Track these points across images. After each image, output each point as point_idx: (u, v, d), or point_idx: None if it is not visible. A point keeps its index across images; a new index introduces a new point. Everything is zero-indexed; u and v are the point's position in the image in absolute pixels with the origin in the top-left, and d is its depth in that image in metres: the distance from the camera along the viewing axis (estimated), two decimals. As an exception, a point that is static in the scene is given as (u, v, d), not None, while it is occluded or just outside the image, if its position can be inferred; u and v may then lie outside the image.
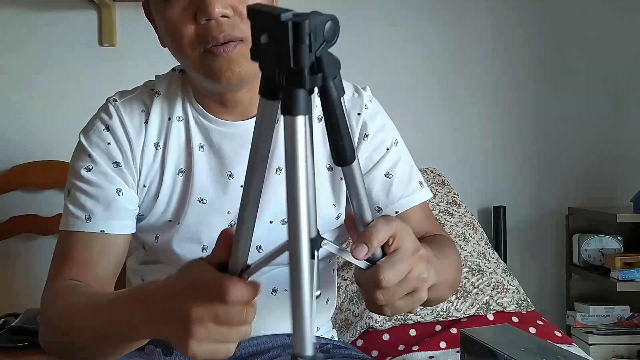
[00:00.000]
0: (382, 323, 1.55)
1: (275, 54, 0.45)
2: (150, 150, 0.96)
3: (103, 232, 0.92)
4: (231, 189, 0.96)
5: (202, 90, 0.95)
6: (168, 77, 1.01)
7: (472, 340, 1.00)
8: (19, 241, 1.97)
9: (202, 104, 0.96)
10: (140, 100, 0.98)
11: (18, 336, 1.51)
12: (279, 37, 0.44)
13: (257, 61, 0.48)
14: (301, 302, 0.50)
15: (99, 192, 0.93)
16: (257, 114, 0.52)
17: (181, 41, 0.86)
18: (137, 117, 0.97)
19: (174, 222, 0.97)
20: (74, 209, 0.93)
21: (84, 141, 0.96)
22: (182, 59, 0.91)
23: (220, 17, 0.83)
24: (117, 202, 0.93)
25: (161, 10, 0.87)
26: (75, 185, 0.94)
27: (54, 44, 1.99)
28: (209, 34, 0.84)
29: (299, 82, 0.45)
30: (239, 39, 0.84)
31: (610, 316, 2.04)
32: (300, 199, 0.48)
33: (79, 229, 0.92)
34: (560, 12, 2.20)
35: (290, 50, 0.44)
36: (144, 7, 0.95)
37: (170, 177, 0.97)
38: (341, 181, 0.98)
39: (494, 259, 1.75)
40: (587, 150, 2.22)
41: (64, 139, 1.90)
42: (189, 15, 0.85)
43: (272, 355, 1.01)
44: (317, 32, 0.44)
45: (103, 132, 0.95)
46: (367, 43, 2.10)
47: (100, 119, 0.97)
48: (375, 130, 0.99)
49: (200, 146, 0.96)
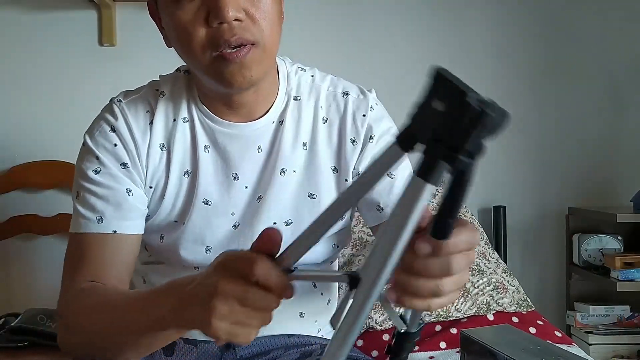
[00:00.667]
0: (382, 323, 1.55)
1: (442, 125, 0.44)
2: (156, 151, 0.96)
3: (115, 232, 0.92)
4: (236, 191, 0.96)
5: (208, 91, 0.95)
6: (173, 77, 1.01)
7: (472, 341, 1.00)
8: (19, 241, 1.98)
9: (208, 105, 0.96)
10: (145, 100, 0.97)
11: (18, 336, 1.51)
12: (456, 114, 0.43)
13: (414, 117, 0.47)
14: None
15: (109, 194, 0.93)
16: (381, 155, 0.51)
17: (192, 44, 0.85)
18: (142, 118, 0.96)
19: (179, 223, 0.97)
20: (84, 210, 0.93)
21: (90, 143, 0.95)
22: (191, 62, 0.89)
23: (233, 20, 0.82)
24: (128, 202, 0.93)
25: (171, 11, 0.85)
26: (84, 187, 0.94)
27: (54, 44, 1.99)
28: (221, 37, 0.83)
29: (451, 161, 0.45)
30: (251, 43, 0.84)
31: (610, 316, 2.05)
32: (393, 257, 0.49)
33: (90, 230, 0.92)
34: (561, 12, 2.20)
35: (460, 132, 0.43)
36: (149, 6, 0.94)
37: (176, 178, 0.96)
38: (346, 182, 0.98)
39: (494, 259, 1.75)
40: (587, 150, 2.22)
41: (64, 139, 1.91)
42: (201, 18, 0.84)
43: (273, 356, 1.01)
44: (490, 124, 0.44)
45: (109, 133, 0.95)
46: (368, 42, 2.11)
47: (105, 119, 0.96)
48: (380, 133, 0.99)
49: (205, 147, 0.96)
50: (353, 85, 1.03)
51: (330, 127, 0.99)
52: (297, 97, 0.99)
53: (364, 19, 2.10)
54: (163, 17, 0.90)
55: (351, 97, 0.99)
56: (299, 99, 0.99)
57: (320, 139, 0.98)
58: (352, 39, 2.09)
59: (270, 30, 0.86)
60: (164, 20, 0.90)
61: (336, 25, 2.09)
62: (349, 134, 0.98)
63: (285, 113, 0.97)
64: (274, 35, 0.87)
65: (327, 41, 2.08)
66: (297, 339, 1.04)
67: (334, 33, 2.09)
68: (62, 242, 1.97)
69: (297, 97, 0.99)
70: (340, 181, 0.99)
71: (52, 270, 1.99)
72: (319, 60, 1.26)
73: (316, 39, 2.06)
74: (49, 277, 1.99)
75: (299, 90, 0.99)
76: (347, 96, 1.00)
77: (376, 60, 2.10)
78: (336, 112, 0.99)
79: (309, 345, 1.03)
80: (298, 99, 0.99)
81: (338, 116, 0.99)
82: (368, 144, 0.98)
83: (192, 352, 1.01)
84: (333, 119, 0.99)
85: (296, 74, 1.01)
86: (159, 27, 0.93)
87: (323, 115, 0.99)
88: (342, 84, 1.02)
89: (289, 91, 0.99)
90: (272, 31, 0.86)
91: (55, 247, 1.98)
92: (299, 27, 2.01)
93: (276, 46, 0.89)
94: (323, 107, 0.99)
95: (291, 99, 0.98)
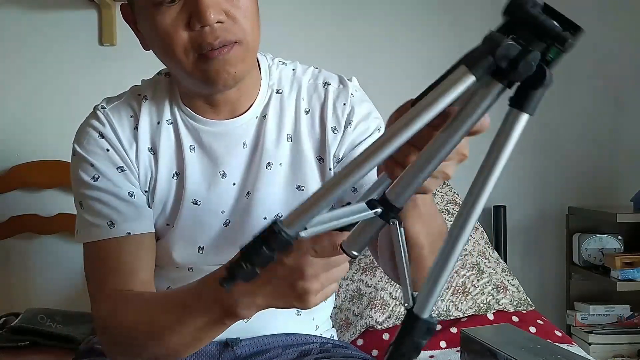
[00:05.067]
0: (382, 322, 1.55)
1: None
2: (144, 155, 0.96)
3: (129, 234, 0.92)
4: (224, 188, 0.97)
5: (189, 91, 0.95)
6: (154, 81, 1.01)
7: (472, 340, 1.01)
8: (19, 241, 1.98)
9: (190, 106, 0.96)
10: (127, 106, 0.98)
11: (18, 336, 1.52)
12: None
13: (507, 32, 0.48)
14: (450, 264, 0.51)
15: (112, 198, 0.92)
16: (477, 98, 0.51)
17: (174, 47, 0.85)
18: (126, 123, 0.96)
19: (170, 226, 0.98)
20: (92, 218, 0.92)
21: (81, 151, 0.95)
22: (172, 64, 0.89)
23: (215, 23, 0.83)
24: (133, 203, 0.93)
25: (151, 16, 0.85)
26: (87, 196, 0.93)
27: (54, 43, 1.99)
28: (203, 40, 0.83)
29: (543, 86, 0.49)
30: (233, 42, 0.85)
31: (611, 316, 2.04)
32: (490, 181, 0.51)
33: (104, 236, 0.91)
34: (561, 11, 2.19)
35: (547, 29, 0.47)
36: (122, 10, 0.92)
37: (165, 181, 0.97)
38: (330, 171, 0.99)
39: (494, 259, 1.75)
40: (587, 150, 2.22)
41: (64, 139, 1.89)
42: (182, 22, 0.84)
43: (272, 355, 1.01)
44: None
45: (98, 139, 0.94)
46: (368, 43, 2.10)
47: (91, 126, 0.96)
48: (359, 119, 0.99)
49: (191, 148, 0.96)
50: (334, 75, 1.03)
51: (312, 118, 0.99)
52: (279, 91, 0.99)
53: (362, 17, 2.10)
54: (140, 21, 0.90)
55: (332, 87, 1.00)
56: (281, 92, 0.99)
57: (303, 131, 0.98)
58: (350, 39, 2.09)
59: (251, 27, 0.86)
60: (142, 24, 0.90)
61: (333, 26, 2.09)
62: (329, 122, 0.98)
63: (267, 107, 0.98)
64: (255, 31, 0.88)
65: (323, 42, 2.08)
66: (295, 338, 1.04)
67: (330, 34, 2.09)
68: (63, 242, 1.97)
69: (279, 90, 0.99)
70: (325, 170, 0.99)
71: (52, 270, 1.99)
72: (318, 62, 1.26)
73: (312, 40, 2.06)
74: (49, 277, 1.99)
75: (280, 83, 1.00)
76: (327, 86, 1.00)
77: (375, 60, 2.10)
78: (317, 102, 0.99)
79: (307, 344, 1.03)
80: (280, 92, 0.99)
81: (319, 106, 0.99)
82: (347, 129, 0.98)
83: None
84: (314, 110, 0.99)
85: (277, 68, 1.01)
86: (134, 30, 0.93)
87: (305, 106, 0.99)
88: (322, 75, 1.02)
89: (271, 85, 0.99)
90: (253, 28, 0.87)
91: (55, 247, 1.98)
92: (298, 29, 2.01)
93: (257, 42, 0.90)
94: (305, 98, 1.00)
95: (273, 93, 0.99)
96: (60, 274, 1.98)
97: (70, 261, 1.97)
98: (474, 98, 0.51)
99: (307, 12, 2.06)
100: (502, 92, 0.50)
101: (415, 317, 0.51)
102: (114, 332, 0.88)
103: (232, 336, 1.00)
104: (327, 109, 0.98)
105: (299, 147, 0.98)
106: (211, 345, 1.01)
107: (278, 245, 0.53)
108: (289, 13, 2.02)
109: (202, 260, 0.98)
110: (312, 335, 1.06)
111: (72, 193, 0.98)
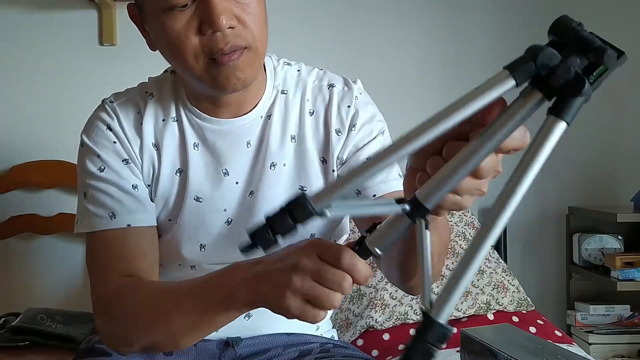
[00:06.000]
0: (382, 323, 1.55)
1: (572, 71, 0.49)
2: (149, 151, 0.97)
3: (129, 226, 0.92)
4: (226, 187, 0.97)
5: (195, 92, 0.96)
6: (161, 79, 1.02)
7: (472, 340, 1.01)
8: (19, 241, 1.98)
9: (195, 104, 0.97)
10: (134, 102, 0.99)
11: (18, 336, 1.51)
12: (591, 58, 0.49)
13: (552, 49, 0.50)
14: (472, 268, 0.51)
15: (116, 189, 0.93)
16: (514, 107, 0.52)
17: (184, 52, 0.85)
18: (132, 119, 0.97)
19: (172, 222, 0.98)
20: (94, 208, 0.93)
21: (89, 142, 0.96)
22: (181, 68, 0.89)
23: (227, 28, 0.83)
24: (136, 196, 0.94)
25: (161, 20, 0.85)
26: (91, 186, 0.94)
27: (54, 43, 1.99)
28: (215, 45, 0.83)
29: (582, 95, 0.50)
30: (243, 47, 0.85)
31: (611, 316, 2.04)
32: (522, 187, 0.51)
33: (105, 227, 0.92)
34: (561, 11, 2.19)
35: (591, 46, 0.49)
36: (129, 9, 0.93)
37: (168, 177, 0.97)
38: (333, 173, 0.99)
39: (494, 259, 1.75)
40: (587, 150, 2.22)
41: (64, 139, 1.90)
42: (194, 27, 0.84)
43: (272, 354, 1.01)
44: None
45: (106, 131, 0.96)
46: (368, 43, 2.11)
47: (100, 119, 0.97)
48: (363, 121, 0.99)
49: (194, 145, 0.97)
50: (339, 77, 1.03)
51: (317, 119, 0.99)
52: (284, 91, 1.00)
53: (362, 16, 2.10)
54: (149, 23, 0.90)
55: (336, 89, 1.00)
56: (286, 92, 1.00)
57: (307, 132, 0.99)
58: (349, 41, 2.09)
59: (260, 32, 0.87)
60: (150, 26, 0.90)
61: (332, 28, 2.09)
62: (334, 124, 0.98)
63: (272, 107, 0.98)
64: (264, 36, 0.88)
65: (322, 44, 2.08)
66: (296, 338, 1.04)
67: (330, 36, 2.09)
68: (63, 241, 1.97)
69: (284, 91, 1.00)
70: (328, 172, 0.99)
71: (52, 270, 1.99)
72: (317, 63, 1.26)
73: (311, 42, 2.06)
74: (49, 277, 1.99)
75: (285, 84, 1.00)
76: (332, 88, 1.00)
77: (375, 60, 2.10)
78: (322, 103, 1.00)
79: (307, 344, 1.03)
80: (285, 93, 1.00)
81: (323, 108, 1.00)
82: (351, 132, 0.98)
83: (192, 350, 1.01)
84: (319, 111, 1.00)
85: (283, 69, 1.02)
86: (140, 31, 0.93)
87: (309, 107, 1.00)
88: (327, 77, 1.03)
89: (276, 86, 1.00)
90: (262, 33, 0.88)
91: (55, 246, 1.98)
92: (297, 30, 2.01)
93: (265, 47, 0.90)
94: (309, 99, 1.00)
95: (279, 94, 0.99)
96: (60, 274, 1.99)
97: (70, 261, 1.97)
98: (512, 107, 0.52)
99: (311, 14, 2.06)
100: (540, 104, 0.51)
101: (431, 320, 0.52)
102: (117, 314, 0.87)
103: (233, 335, 1.01)
104: (331, 110, 0.99)
105: (303, 148, 0.98)
106: (212, 344, 1.01)
107: (302, 216, 0.54)
108: (293, 15, 2.03)
109: (204, 259, 0.99)
110: (313, 335, 1.06)
111: (72, 193, 0.99)
